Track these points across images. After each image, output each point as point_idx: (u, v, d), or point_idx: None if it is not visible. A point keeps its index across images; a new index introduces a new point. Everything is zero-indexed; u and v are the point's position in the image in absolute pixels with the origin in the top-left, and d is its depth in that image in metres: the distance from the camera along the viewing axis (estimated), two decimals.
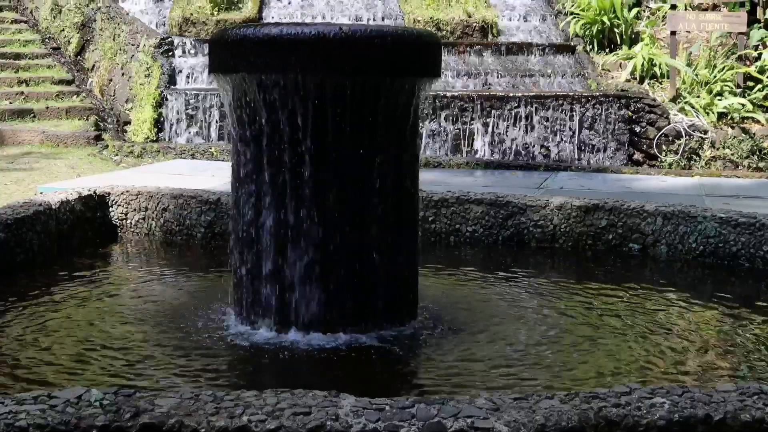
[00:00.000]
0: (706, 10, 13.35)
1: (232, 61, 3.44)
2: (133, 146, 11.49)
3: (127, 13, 13.99)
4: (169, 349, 3.42)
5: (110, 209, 5.60)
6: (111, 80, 13.50)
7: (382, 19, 14.18)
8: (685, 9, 13.15)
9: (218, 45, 3.51)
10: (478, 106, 11.45)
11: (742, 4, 12.48)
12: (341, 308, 3.54)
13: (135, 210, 5.59)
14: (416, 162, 3.83)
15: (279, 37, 3.26)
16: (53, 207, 5.04)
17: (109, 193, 5.62)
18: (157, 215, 5.56)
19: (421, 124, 4.45)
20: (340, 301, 3.54)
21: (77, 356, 3.32)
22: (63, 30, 15.07)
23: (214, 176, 8.79)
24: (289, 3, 14.66)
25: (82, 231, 5.32)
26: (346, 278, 3.54)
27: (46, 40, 15.38)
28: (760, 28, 12.74)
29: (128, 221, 5.60)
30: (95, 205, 5.50)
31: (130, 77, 12.88)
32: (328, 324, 3.50)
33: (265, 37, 3.30)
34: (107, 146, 11.64)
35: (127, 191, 5.63)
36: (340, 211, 3.51)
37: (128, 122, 12.45)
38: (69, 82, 14.01)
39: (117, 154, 11.34)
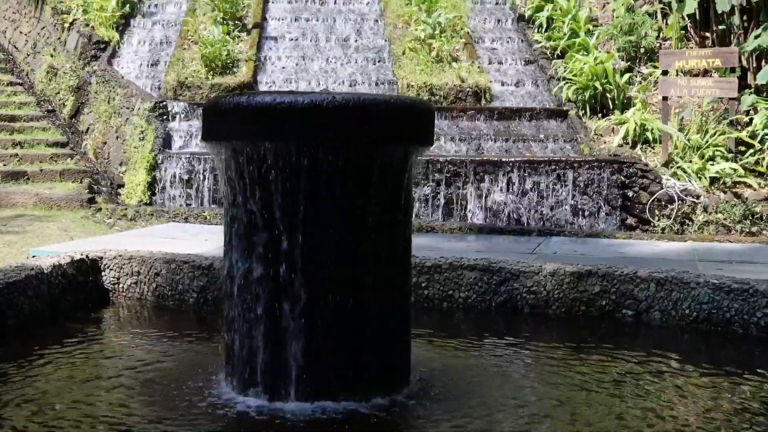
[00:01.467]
0: (697, 75, 13.46)
1: (225, 130, 3.45)
2: (126, 209, 11.48)
3: (122, 77, 14.08)
4: (155, 416, 3.38)
5: (102, 273, 5.58)
6: (105, 143, 13.55)
7: (376, 83, 14.27)
8: (677, 75, 13.26)
9: (211, 113, 3.52)
10: (471, 170, 11.48)
11: (733, 70, 12.58)
12: (333, 376, 3.51)
13: (127, 274, 5.57)
14: (409, 228, 3.82)
15: (272, 106, 3.27)
16: (45, 271, 5.02)
17: (101, 257, 5.60)
18: (149, 280, 5.54)
19: (414, 189, 4.46)
20: (332, 369, 3.51)
21: (59, 423, 3.29)
22: (58, 93, 15.17)
23: (207, 240, 8.77)
24: (284, 67, 14.77)
25: (74, 295, 5.29)
26: (338, 345, 3.51)
27: (42, 102, 15.48)
28: (750, 93, 12.85)
29: (120, 285, 5.58)
30: (87, 269, 5.48)
31: (124, 140, 12.93)
32: (320, 392, 3.47)
33: (258, 106, 3.31)
34: (100, 209, 11.63)
35: (120, 255, 5.61)
36: (333, 278, 3.50)
37: (122, 185, 12.47)
38: (63, 145, 14.06)
39: (110, 217, 11.33)
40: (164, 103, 13.02)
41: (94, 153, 13.75)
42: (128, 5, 16.13)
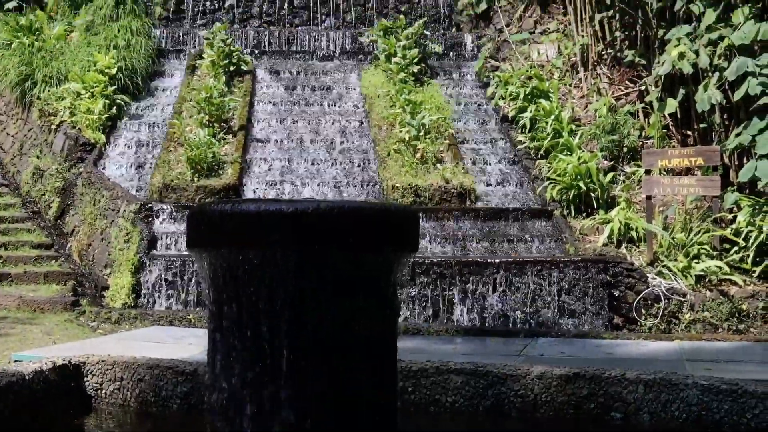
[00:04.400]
0: (680, 173, 13.58)
1: (210, 237, 3.44)
2: (110, 312, 11.40)
3: (108, 179, 14.11)
4: None
5: (85, 379, 5.51)
6: (90, 245, 13.52)
7: (362, 185, 14.34)
8: (660, 173, 13.37)
9: (196, 221, 3.51)
10: (457, 272, 11.48)
11: (715, 168, 12.70)
12: None
13: (110, 380, 5.50)
14: (395, 332, 3.79)
15: (257, 214, 3.27)
16: (27, 377, 4.95)
17: (84, 363, 5.53)
18: (132, 386, 5.47)
19: (399, 291, 4.44)
20: None
21: None
22: (44, 194, 15.19)
23: (191, 344, 8.70)
24: (269, 170, 14.84)
25: (56, 401, 5.21)
26: None
27: (27, 203, 15.49)
28: (733, 191, 12.95)
29: (103, 391, 5.50)
30: (70, 374, 5.41)
31: (109, 242, 12.90)
32: None
33: (243, 214, 3.31)
34: (84, 312, 11.55)
35: (103, 361, 5.55)
36: (318, 383, 3.46)
37: (106, 287, 12.40)
38: (48, 246, 14.02)
39: (94, 320, 11.24)
40: (150, 205, 13.03)
41: (78, 255, 13.71)
42: (115, 107, 16.25)
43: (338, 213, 3.27)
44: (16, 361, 6.27)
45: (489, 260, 11.75)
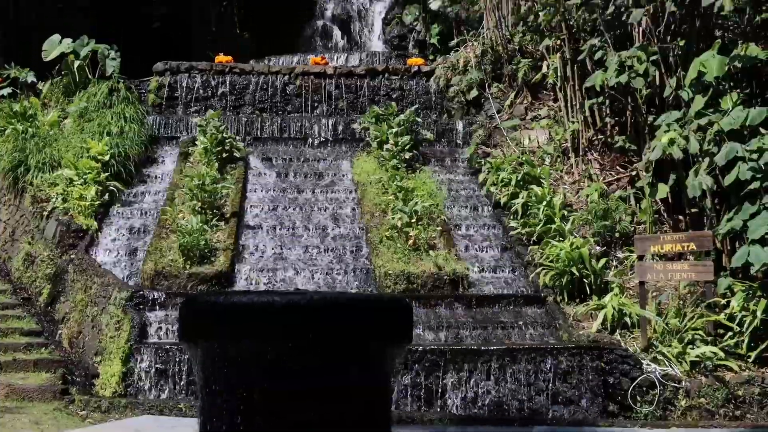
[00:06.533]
0: (672, 259, 13.58)
1: (202, 329, 3.42)
2: (100, 401, 11.28)
3: (100, 266, 14.07)
4: None
5: None
6: (81, 332, 13.43)
7: (354, 272, 14.31)
8: (653, 259, 13.37)
9: (189, 313, 3.49)
10: (450, 359, 11.41)
11: (708, 253, 12.70)
12: None
13: None
14: (388, 421, 3.75)
15: (249, 307, 3.25)
16: None
17: None
18: None
19: (393, 379, 4.39)
20: None
21: None
22: (35, 281, 15.14)
23: None
24: (262, 257, 14.82)
25: None
26: None
27: (18, 290, 15.43)
28: (726, 275, 12.92)
29: None
30: None
31: (100, 330, 12.82)
32: None
33: (235, 307, 3.29)
34: (74, 400, 11.43)
35: None
36: None
37: (97, 375, 12.28)
38: (38, 334, 13.91)
39: (84, 409, 11.12)
40: (141, 292, 12.97)
41: (69, 342, 13.61)
42: (108, 194, 16.27)
43: (331, 305, 3.25)
44: None
45: (482, 348, 11.68)
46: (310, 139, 19.35)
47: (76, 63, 19.80)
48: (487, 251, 15.36)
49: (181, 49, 23.08)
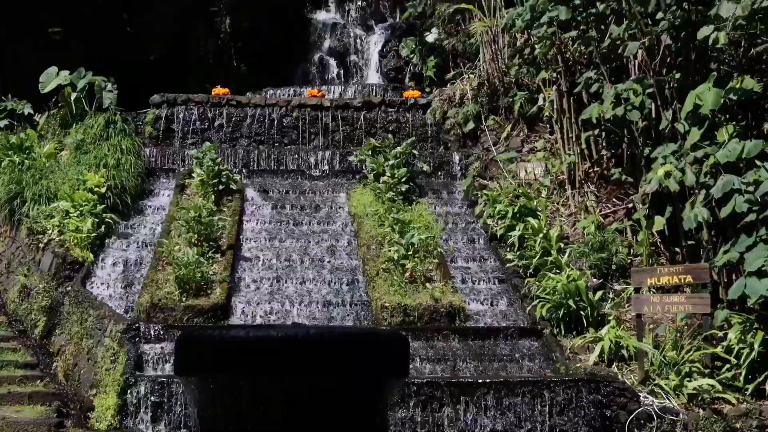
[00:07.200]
0: (669, 291, 13.56)
1: (200, 364, 3.40)
2: None
3: (96, 298, 14.04)
4: None
5: None
6: (76, 365, 13.37)
7: (351, 304, 14.28)
8: (649, 291, 13.36)
9: (185, 347, 3.48)
10: (447, 392, 11.37)
11: (705, 286, 12.69)
12: None
13: None
14: None
15: (246, 341, 3.24)
16: None
17: None
18: None
19: (389, 412, 4.38)
20: None
21: None
22: (30, 313, 15.08)
23: None
24: (258, 289, 14.79)
25: None
26: None
27: (13, 322, 15.38)
28: (723, 308, 12.91)
29: None
30: None
31: (95, 362, 12.76)
32: None
33: (232, 341, 3.28)
34: None
35: None
36: None
37: (92, 408, 12.22)
38: (33, 366, 13.85)
39: None
40: (137, 325, 12.92)
41: (64, 375, 13.54)
42: (104, 226, 16.26)
43: (328, 340, 3.24)
44: None
45: (479, 380, 11.65)
46: (306, 172, 19.36)
47: (73, 95, 19.84)
48: (483, 283, 15.35)
49: (178, 80, 23.10)
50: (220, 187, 17.78)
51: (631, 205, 16.13)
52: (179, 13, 25.51)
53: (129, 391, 11.74)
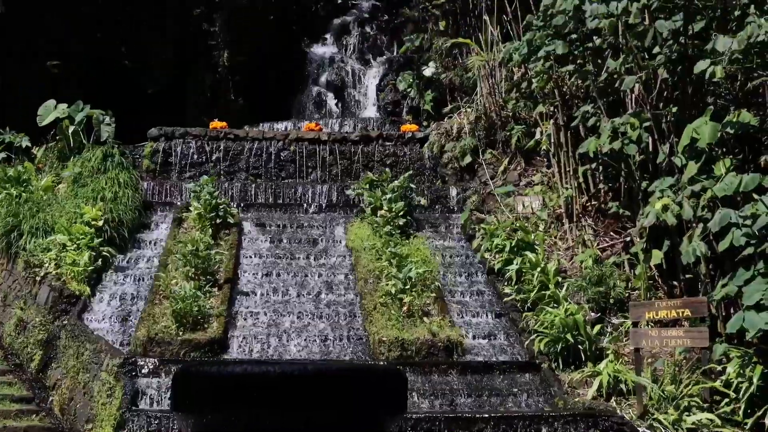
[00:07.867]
0: (667, 325, 13.51)
1: (196, 401, 3.37)
2: None
3: (92, 332, 13.99)
4: None
5: None
6: (72, 399, 13.30)
7: (348, 339, 14.24)
8: (647, 325, 13.32)
9: (181, 384, 3.45)
10: (445, 427, 11.29)
11: (703, 320, 12.66)
12: None
13: None
14: None
15: (243, 377, 3.21)
16: None
17: None
18: None
19: None
20: None
21: None
22: (26, 346, 15.02)
23: None
24: (255, 322, 14.74)
25: None
26: None
27: (9, 356, 15.31)
28: (722, 342, 12.87)
29: None
30: None
31: (92, 396, 12.70)
32: None
33: (229, 377, 3.25)
34: None
35: None
36: None
37: None
38: (29, 400, 13.79)
39: None
40: (134, 359, 12.86)
41: (60, 409, 13.47)
42: (101, 259, 16.24)
43: (325, 376, 3.21)
44: None
45: (477, 415, 11.58)
46: (304, 205, 19.38)
47: (71, 128, 19.89)
48: (481, 317, 15.31)
49: (176, 114, 23.18)
50: (218, 221, 17.76)
51: (628, 239, 16.12)
52: (177, 47, 25.65)
53: (125, 426, 11.66)
